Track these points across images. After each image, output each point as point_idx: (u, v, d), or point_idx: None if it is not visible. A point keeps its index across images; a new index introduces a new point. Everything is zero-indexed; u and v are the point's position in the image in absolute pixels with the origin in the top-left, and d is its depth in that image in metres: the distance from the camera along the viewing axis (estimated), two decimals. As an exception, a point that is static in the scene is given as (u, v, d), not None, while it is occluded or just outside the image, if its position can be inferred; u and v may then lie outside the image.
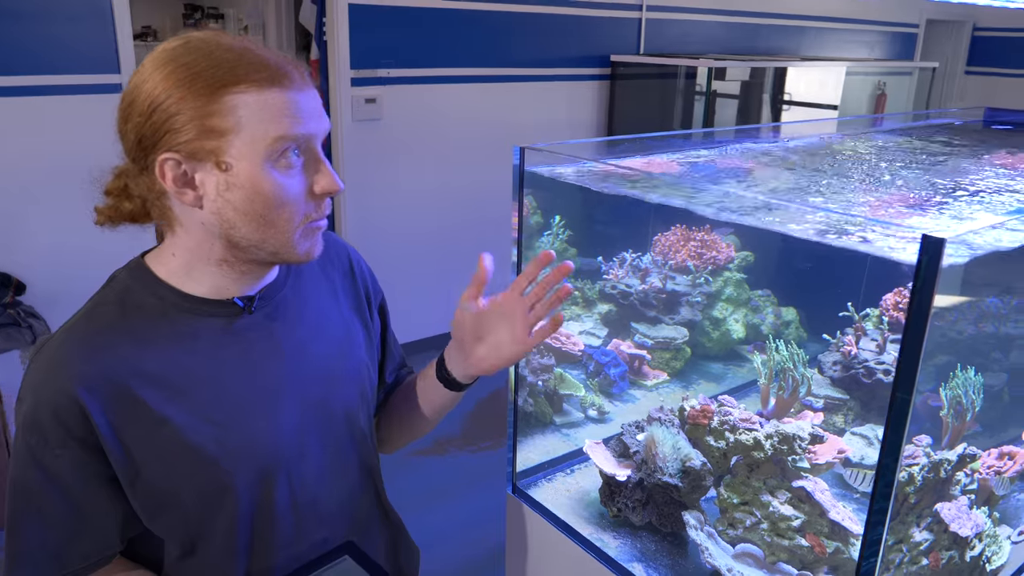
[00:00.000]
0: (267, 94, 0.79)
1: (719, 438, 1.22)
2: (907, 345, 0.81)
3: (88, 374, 0.82)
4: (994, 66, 6.97)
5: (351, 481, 1.02)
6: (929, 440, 1.14)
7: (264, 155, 0.80)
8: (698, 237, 1.87)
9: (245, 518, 0.90)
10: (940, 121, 2.32)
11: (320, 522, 0.98)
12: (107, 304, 0.87)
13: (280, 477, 0.92)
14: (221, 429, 0.87)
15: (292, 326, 0.95)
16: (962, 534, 1.13)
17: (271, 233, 0.84)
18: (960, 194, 1.27)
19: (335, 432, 0.98)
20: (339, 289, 1.03)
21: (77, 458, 0.83)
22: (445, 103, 4.06)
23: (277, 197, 0.82)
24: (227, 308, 0.89)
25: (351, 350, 1.02)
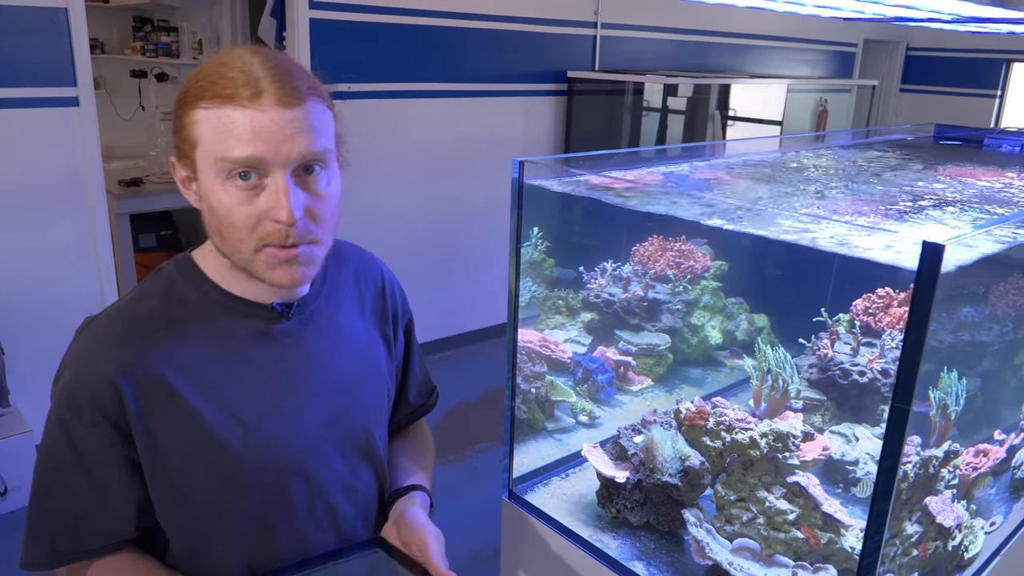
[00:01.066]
0: (222, 112, 0.79)
1: (715, 438, 1.27)
2: (908, 346, 0.87)
3: (127, 359, 0.84)
4: (926, 84, 7.32)
5: (364, 492, 1.03)
6: (919, 440, 1.21)
7: (215, 171, 0.82)
8: (675, 247, 1.94)
9: (259, 518, 0.92)
10: (894, 137, 2.44)
11: (334, 530, 0.99)
12: (152, 294, 0.90)
13: (297, 482, 0.94)
14: (247, 429, 0.89)
15: (323, 337, 0.97)
16: (946, 525, 1.20)
17: (230, 248, 0.85)
18: (926, 204, 1.36)
19: (353, 443, 1.00)
20: (368, 306, 1.06)
21: (108, 439, 0.85)
22: (406, 118, 4.08)
23: (224, 216, 0.83)
24: (266, 312, 0.92)
25: (374, 367, 1.04)
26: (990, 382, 1.59)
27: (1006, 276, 1.69)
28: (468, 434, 3.49)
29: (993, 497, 1.48)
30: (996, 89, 6.95)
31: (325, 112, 0.86)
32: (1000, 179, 1.70)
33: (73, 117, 3.03)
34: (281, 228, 0.82)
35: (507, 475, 1.47)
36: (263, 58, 0.82)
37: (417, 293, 4.64)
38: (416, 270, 4.30)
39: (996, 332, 1.68)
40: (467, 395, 3.89)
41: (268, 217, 0.82)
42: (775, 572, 1.15)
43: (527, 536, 1.42)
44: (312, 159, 0.83)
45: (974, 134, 2.34)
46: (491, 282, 4.56)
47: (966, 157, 2.01)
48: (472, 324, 4.63)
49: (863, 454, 1.45)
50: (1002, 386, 1.71)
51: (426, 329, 4.42)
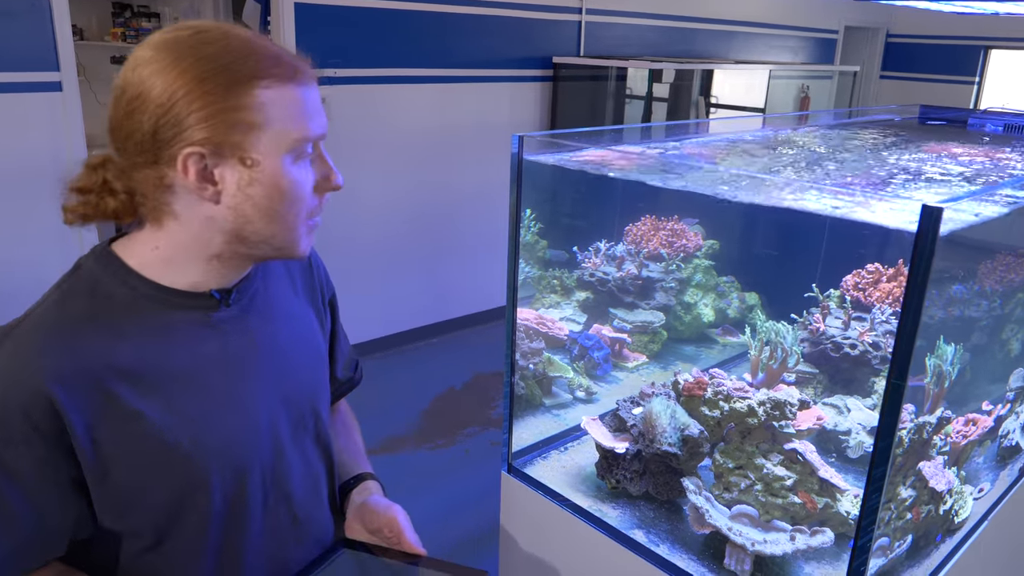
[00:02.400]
0: (289, 90, 0.79)
1: (714, 407, 1.29)
2: (907, 311, 0.89)
3: (60, 367, 0.77)
4: (906, 71, 7.40)
5: (317, 476, 1.01)
6: (913, 408, 1.24)
7: (287, 152, 0.80)
8: (668, 227, 1.96)
9: (217, 516, 0.87)
10: (880, 117, 2.48)
11: (291, 519, 0.96)
12: (76, 294, 0.82)
13: (254, 474, 0.90)
14: (197, 425, 0.84)
15: (265, 321, 0.93)
16: (938, 489, 1.23)
17: (281, 228, 0.83)
18: (919, 176, 1.39)
19: (303, 427, 0.97)
20: (299, 283, 1.03)
21: (39, 457, 0.78)
22: (392, 103, 4.07)
23: (294, 193, 0.81)
24: (204, 301, 0.86)
25: (316, 348, 1.02)
26: (979, 353, 1.63)
27: (999, 245, 1.72)
28: (457, 419, 3.50)
29: (981, 465, 1.52)
30: (974, 75, 7.04)
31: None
32: (987, 155, 1.74)
33: (56, 102, 2.99)
34: (322, 198, 0.86)
35: (507, 449, 1.49)
36: (258, 34, 0.82)
37: (405, 279, 4.66)
38: (404, 256, 4.29)
39: (984, 306, 1.72)
40: (455, 380, 3.90)
41: (324, 187, 0.85)
42: (773, 536, 1.17)
43: (527, 509, 1.44)
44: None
45: (958, 115, 2.38)
46: (479, 268, 4.56)
47: (952, 136, 2.04)
48: (460, 310, 4.63)
49: (855, 424, 1.48)
50: (990, 358, 1.75)
51: (414, 315, 4.42)
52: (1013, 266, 1.77)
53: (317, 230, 0.89)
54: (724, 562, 1.20)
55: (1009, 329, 1.78)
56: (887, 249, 1.78)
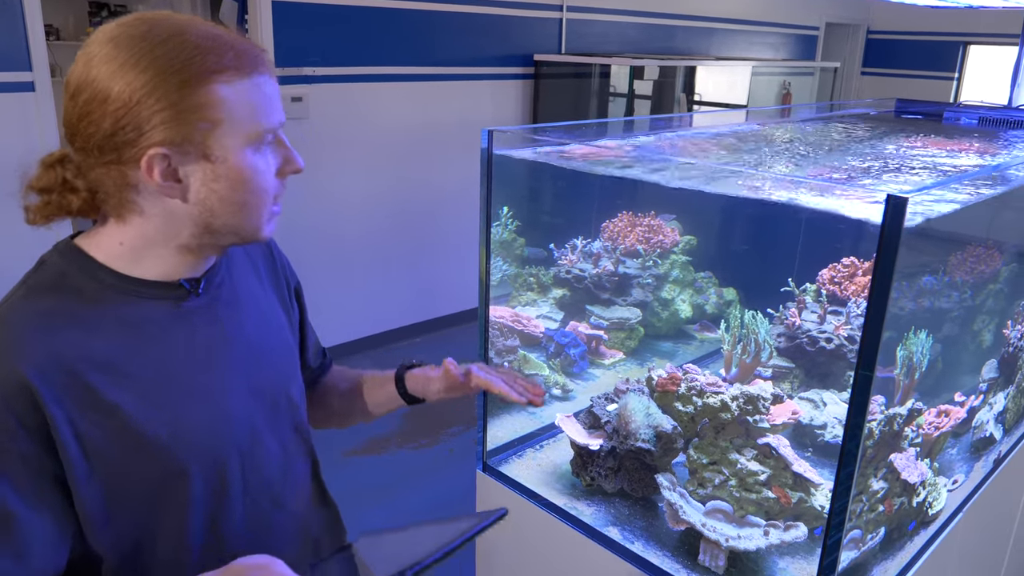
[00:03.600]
0: (247, 83, 0.78)
1: (687, 403, 1.28)
2: (873, 302, 0.89)
3: (38, 360, 0.75)
4: (886, 67, 7.45)
5: (296, 463, 1.01)
6: (883, 399, 1.24)
7: (248, 145, 0.79)
8: (644, 222, 1.95)
9: (198, 507, 0.87)
10: (856, 111, 2.48)
11: (273, 505, 0.97)
12: (44, 289, 0.81)
13: (232, 462, 0.90)
14: (171, 415, 0.84)
15: (232, 309, 0.93)
16: (911, 481, 1.23)
17: (248, 217, 0.83)
18: (890, 168, 1.39)
19: (278, 414, 0.97)
20: (262, 272, 1.03)
21: (26, 452, 0.75)
22: (372, 102, 4.05)
23: (257, 183, 0.81)
24: (173, 291, 0.86)
25: (280, 332, 1.02)
26: (951, 344, 1.63)
27: (969, 235, 1.73)
28: (440, 418, 3.48)
29: (955, 457, 1.52)
30: (954, 71, 7.10)
31: None
32: (959, 148, 1.74)
33: (29, 102, 2.95)
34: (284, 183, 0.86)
35: (481, 448, 1.48)
36: (216, 25, 0.81)
37: (388, 278, 4.64)
38: (386, 255, 4.27)
39: (955, 297, 1.72)
40: (439, 380, 3.88)
41: (286, 172, 0.85)
42: (747, 532, 1.17)
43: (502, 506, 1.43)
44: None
45: (934, 108, 2.39)
46: (462, 267, 4.55)
47: (927, 129, 2.05)
48: (444, 309, 4.62)
49: (831, 418, 1.48)
50: (962, 349, 1.76)
51: (397, 314, 4.40)
52: (983, 257, 1.78)
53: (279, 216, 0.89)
54: (699, 558, 1.19)
55: (980, 320, 1.78)
56: (862, 241, 1.79)
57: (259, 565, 0.80)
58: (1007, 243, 1.87)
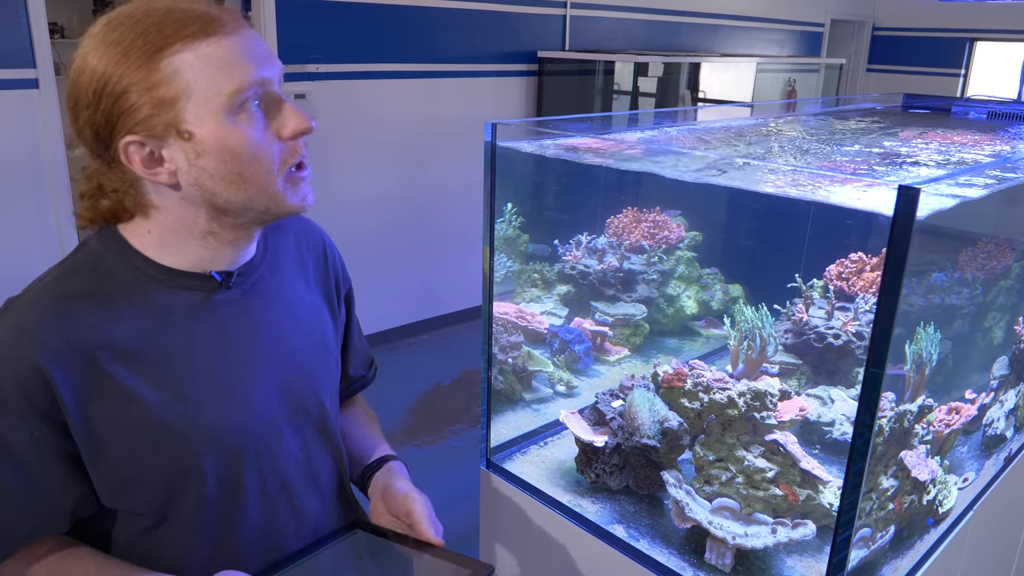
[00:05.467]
0: (205, 47, 0.74)
1: (693, 399, 1.27)
2: (884, 296, 0.87)
3: (55, 343, 0.77)
4: (892, 64, 7.41)
5: (320, 467, 0.99)
6: (893, 396, 1.22)
7: (223, 112, 0.75)
8: (649, 218, 1.93)
9: (213, 499, 0.86)
10: (863, 106, 2.46)
11: (291, 508, 0.95)
12: (78, 270, 0.82)
13: (249, 459, 0.88)
14: (192, 407, 0.83)
15: (268, 305, 0.92)
16: (921, 479, 1.22)
17: (253, 191, 0.80)
18: (899, 161, 1.37)
19: (305, 416, 0.96)
20: (312, 275, 1.02)
21: (36, 431, 0.78)
22: (376, 99, 4.04)
23: (249, 151, 0.78)
24: (205, 282, 0.86)
25: (322, 337, 1.00)
26: (961, 341, 1.61)
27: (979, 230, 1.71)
28: (445, 416, 3.47)
29: (966, 454, 1.50)
30: (960, 68, 7.05)
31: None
32: (970, 141, 1.72)
33: (33, 99, 2.95)
34: (298, 145, 0.82)
35: (485, 445, 1.46)
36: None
37: (392, 275, 4.63)
38: (390, 253, 4.26)
39: (966, 294, 1.70)
40: (444, 377, 3.87)
41: (286, 134, 0.80)
42: (754, 529, 1.15)
43: (506, 504, 1.42)
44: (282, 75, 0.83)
45: (941, 103, 2.36)
46: (466, 264, 4.53)
47: (936, 123, 2.02)
48: (449, 306, 4.61)
49: (839, 415, 1.46)
50: (973, 346, 1.73)
51: (402, 312, 4.39)
52: (994, 253, 1.76)
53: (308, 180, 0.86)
54: (705, 556, 1.18)
55: (992, 317, 1.76)
56: (870, 236, 1.77)
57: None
58: (1020, 238, 1.85)
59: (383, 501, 0.99)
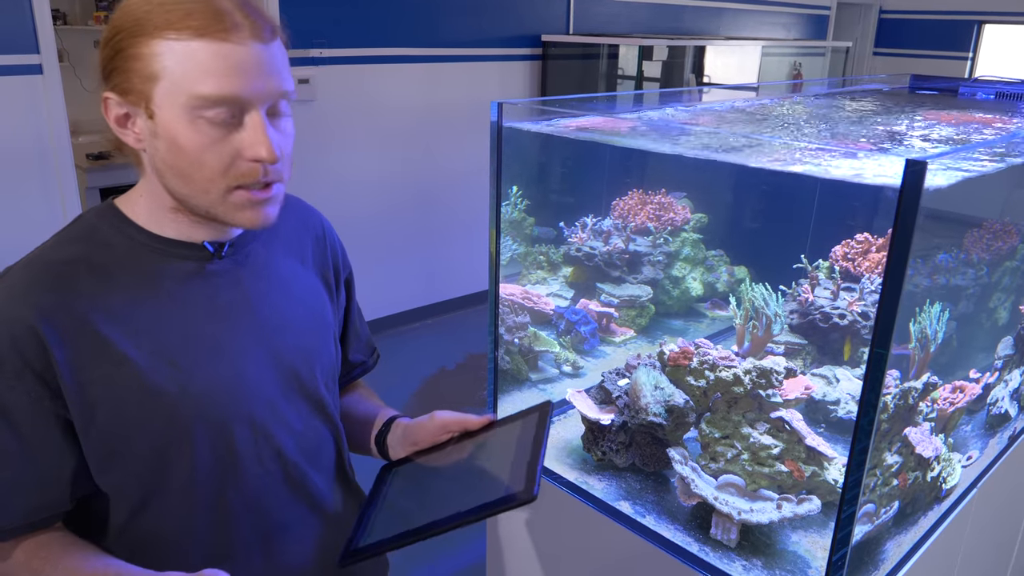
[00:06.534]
0: (196, 44, 0.75)
1: (699, 377, 1.27)
2: (890, 270, 0.87)
3: (49, 305, 0.79)
4: (899, 47, 7.35)
5: (313, 439, 0.98)
6: (898, 373, 1.22)
7: (183, 109, 0.76)
8: (655, 200, 1.94)
9: (204, 468, 0.86)
10: (870, 87, 2.45)
11: (285, 477, 0.95)
12: (74, 239, 0.85)
13: (241, 426, 0.88)
14: (183, 373, 0.84)
15: (260, 278, 0.93)
16: (925, 455, 1.22)
17: (194, 190, 0.81)
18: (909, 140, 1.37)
19: (298, 387, 0.95)
20: (309, 255, 1.02)
21: (33, 392, 0.79)
22: (380, 83, 4.03)
23: (194, 154, 0.78)
24: (197, 252, 0.88)
25: (319, 314, 1.00)
26: (966, 321, 1.61)
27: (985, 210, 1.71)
28: (450, 400, 3.49)
29: (969, 433, 1.51)
30: (968, 51, 7.00)
31: (285, 50, 0.84)
32: (978, 120, 1.72)
33: (37, 85, 2.95)
34: (257, 168, 0.81)
35: (492, 424, 1.47)
36: None
37: (396, 260, 4.63)
38: (395, 238, 4.27)
39: (971, 274, 1.70)
40: (449, 362, 3.89)
41: (247, 156, 0.79)
42: (760, 505, 1.16)
43: (514, 483, 1.43)
44: (283, 97, 0.82)
45: (949, 84, 2.35)
46: (471, 248, 4.54)
47: (943, 104, 2.02)
48: (453, 292, 4.62)
49: (844, 394, 1.47)
50: (977, 326, 1.74)
51: (407, 297, 4.40)
52: (1000, 233, 1.76)
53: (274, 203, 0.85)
54: (711, 532, 1.19)
55: (997, 297, 1.76)
56: (876, 217, 1.77)
57: None
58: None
59: (408, 444, 1.01)
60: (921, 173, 0.82)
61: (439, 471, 0.99)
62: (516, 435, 0.94)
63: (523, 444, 0.91)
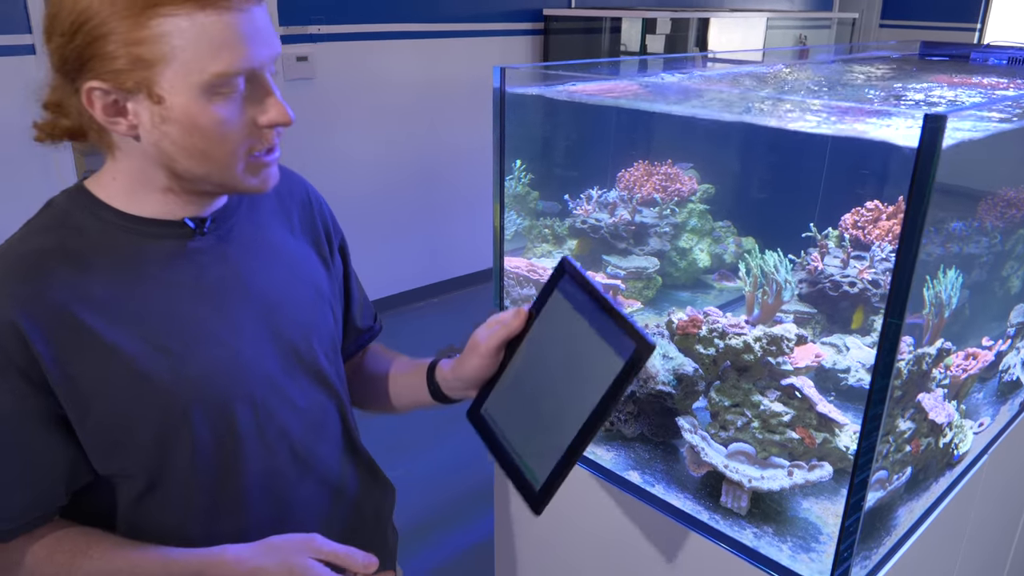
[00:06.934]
0: (203, 18, 0.71)
1: (708, 345, 1.26)
2: (907, 229, 0.85)
3: (27, 297, 0.75)
4: (906, 18, 7.26)
5: (318, 413, 0.97)
6: (911, 339, 1.21)
7: (200, 89, 0.73)
8: (661, 171, 1.91)
9: (207, 451, 0.85)
10: (879, 54, 2.41)
11: (295, 459, 0.93)
12: (45, 228, 0.80)
13: (241, 406, 0.86)
14: (175, 357, 0.81)
15: (247, 251, 0.90)
16: (938, 422, 1.21)
17: (213, 168, 0.78)
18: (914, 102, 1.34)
19: (297, 361, 0.93)
20: (296, 222, 0.99)
21: (17, 389, 0.76)
22: (379, 60, 3.99)
23: (217, 132, 0.75)
24: (177, 229, 0.84)
25: (312, 284, 0.97)
26: (979, 289, 1.59)
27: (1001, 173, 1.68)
28: (457, 377, 3.48)
29: (981, 400, 1.50)
30: (976, 22, 6.90)
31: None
32: (993, 84, 1.68)
33: (29, 66, 2.92)
34: (272, 133, 0.80)
35: (499, 396, 1.46)
36: None
37: (400, 238, 4.61)
38: (398, 215, 4.25)
39: (984, 243, 1.68)
40: (456, 339, 3.87)
41: (262, 123, 0.78)
42: (771, 472, 1.15)
43: (521, 455, 1.42)
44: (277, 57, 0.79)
45: (960, 50, 2.31)
46: (475, 226, 4.51)
47: (955, 69, 1.98)
48: (458, 270, 4.60)
49: (855, 362, 1.45)
50: (990, 295, 1.72)
51: (410, 277, 4.39)
52: (1014, 201, 1.73)
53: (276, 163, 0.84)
54: (720, 500, 1.18)
55: (1010, 265, 1.74)
56: (886, 185, 1.74)
57: (297, 549, 0.81)
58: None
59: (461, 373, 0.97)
60: (940, 129, 0.80)
61: (531, 386, 0.91)
62: (565, 310, 0.87)
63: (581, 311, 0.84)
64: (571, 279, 0.87)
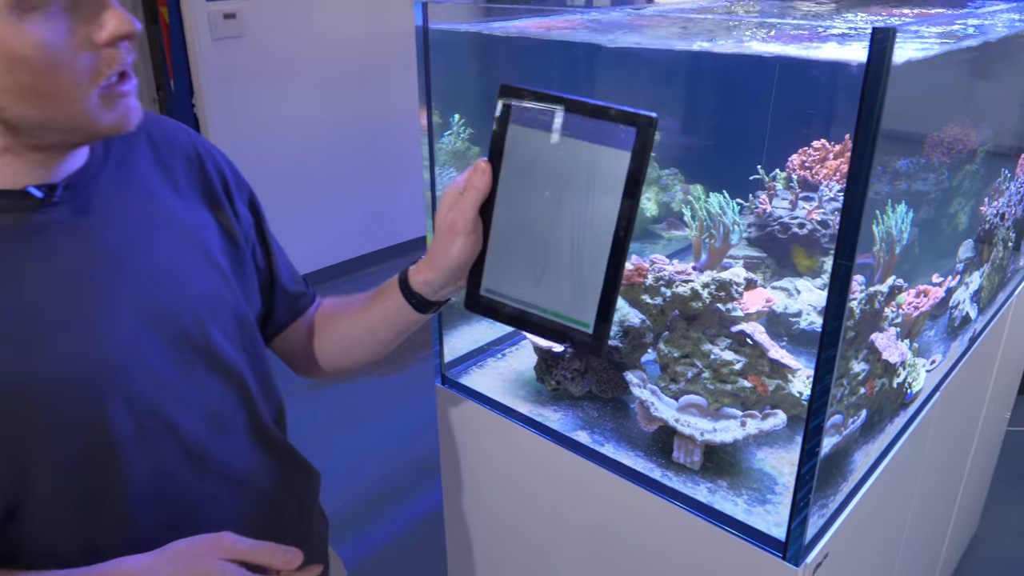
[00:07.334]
0: None
1: (655, 295, 1.20)
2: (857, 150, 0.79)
3: None
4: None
5: (217, 404, 0.85)
6: (863, 278, 1.16)
7: (4, 8, 0.59)
8: (603, 116, 1.83)
9: (77, 458, 0.73)
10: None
11: (184, 455, 0.81)
12: None
13: (113, 406, 0.74)
14: (21, 353, 0.69)
15: (115, 221, 0.77)
16: (892, 361, 1.17)
17: (52, 108, 0.65)
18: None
19: (188, 346, 0.81)
20: (181, 180, 0.86)
21: None
22: (313, 16, 3.80)
23: (42, 59, 0.62)
24: (19, 200, 0.70)
25: (203, 253, 0.85)
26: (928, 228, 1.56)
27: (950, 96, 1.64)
28: (412, 343, 3.40)
29: (933, 338, 1.47)
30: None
31: None
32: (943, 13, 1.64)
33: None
34: (116, 53, 0.67)
35: (438, 360, 1.39)
36: None
37: (344, 204, 4.47)
38: (335, 181, 4.10)
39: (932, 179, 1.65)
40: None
41: (100, 40, 0.65)
42: (723, 424, 1.10)
43: (465, 420, 1.35)
44: None
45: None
46: (419, 190, 4.39)
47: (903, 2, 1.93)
48: (406, 234, 4.49)
49: (806, 305, 1.41)
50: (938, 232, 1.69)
51: (350, 244, 4.25)
52: (960, 135, 1.70)
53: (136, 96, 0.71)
54: (673, 455, 1.13)
55: (957, 202, 1.71)
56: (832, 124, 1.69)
57: (204, 552, 0.71)
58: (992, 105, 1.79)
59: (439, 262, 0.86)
60: (889, 41, 0.73)
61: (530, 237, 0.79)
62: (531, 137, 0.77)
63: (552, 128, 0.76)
64: (522, 102, 0.77)
